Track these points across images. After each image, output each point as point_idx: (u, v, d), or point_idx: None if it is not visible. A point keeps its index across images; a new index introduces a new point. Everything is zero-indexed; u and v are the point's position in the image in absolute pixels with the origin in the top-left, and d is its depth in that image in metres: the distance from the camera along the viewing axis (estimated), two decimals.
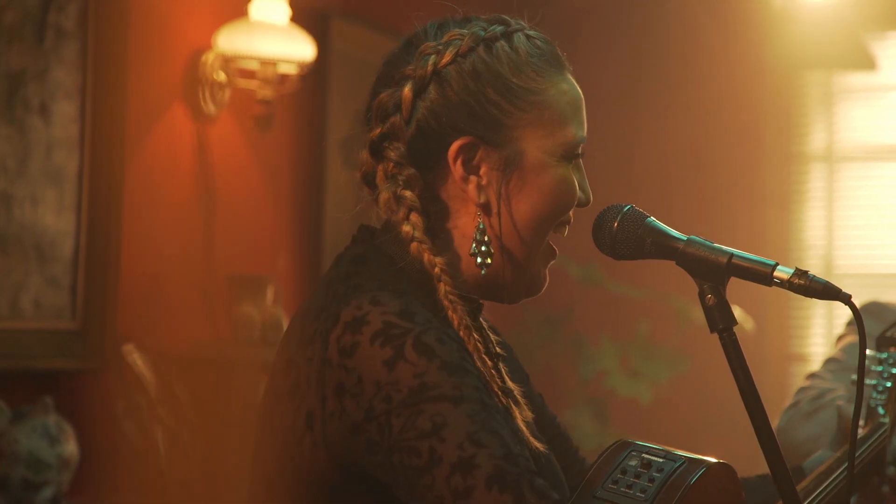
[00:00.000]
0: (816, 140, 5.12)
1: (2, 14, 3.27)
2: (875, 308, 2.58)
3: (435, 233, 1.48)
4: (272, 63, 3.83)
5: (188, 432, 3.44)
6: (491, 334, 1.62)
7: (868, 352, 1.93)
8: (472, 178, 1.48)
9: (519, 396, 1.56)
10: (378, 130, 1.48)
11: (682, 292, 4.52)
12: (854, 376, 1.91)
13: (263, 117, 3.87)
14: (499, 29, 1.51)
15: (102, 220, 3.47)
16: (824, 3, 4.86)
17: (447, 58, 1.47)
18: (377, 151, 1.49)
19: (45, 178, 3.37)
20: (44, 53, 3.37)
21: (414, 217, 1.45)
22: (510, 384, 1.56)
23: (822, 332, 5.01)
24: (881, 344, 1.97)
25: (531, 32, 1.53)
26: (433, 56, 1.48)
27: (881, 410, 1.89)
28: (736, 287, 1.50)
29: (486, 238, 1.47)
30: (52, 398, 3.15)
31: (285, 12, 3.87)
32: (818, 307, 5.00)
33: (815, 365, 2.64)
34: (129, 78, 3.56)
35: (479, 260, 1.47)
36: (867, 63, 4.94)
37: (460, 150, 1.47)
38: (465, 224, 1.49)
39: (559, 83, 1.51)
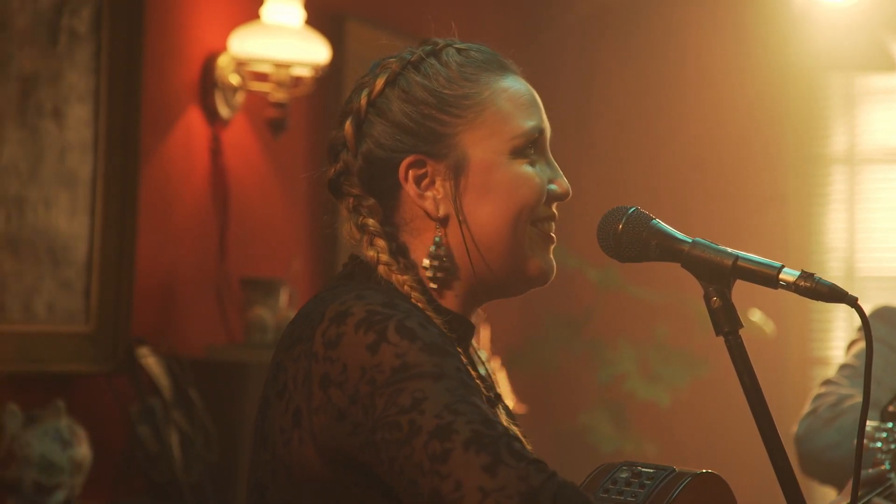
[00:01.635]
0: (837, 142, 5.09)
1: (14, 17, 3.28)
2: (888, 313, 2.56)
3: (403, 253, 1.52)
4: (286, 66, 3.82)
5: (202, 436, 3.44)
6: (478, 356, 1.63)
7: (871, 423, 1.93)
8: (428, 193, 1.51)
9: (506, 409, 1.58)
10: (333, 170, 1.54)
11: (701, 296, 4.49)
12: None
13: (277, 120, 3.87)
14: (426, 49, 1.55)
15: (116, 224, 3.47)
16: (844, 4, 4.83)
17: (378, 86, 1.52)
18: (337, 190, 1.54)
19: (58, 182, 3.37)
20: (57, 57, 3.38)
21: (378, 242, 1.49)
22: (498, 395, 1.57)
23: (843, 335, 4.97)
24: (885, 417, 1.97)
25: (462, 45, 1.56)
26: (366, 88, 1.53)
27: (887, 465, 1.91)
28: (757, 290, 1.49)
29: (440, 251, 1.50)
30: (65, 401, 3.15)
31: (300, 14, 3.86)
32: (839, 310, 4.97)
33: (836, 368, 2.62)
34: (144, 81, 3.57)
35: (429, 274, 1.50)
36: (888, 65, 4.91)
37: (408, 168, 1.51)
38: (431, 241, 1.52)
39: (496, 84, 1.53)
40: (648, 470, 1.47)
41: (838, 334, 5.01)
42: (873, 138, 5.06)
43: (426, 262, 1.50)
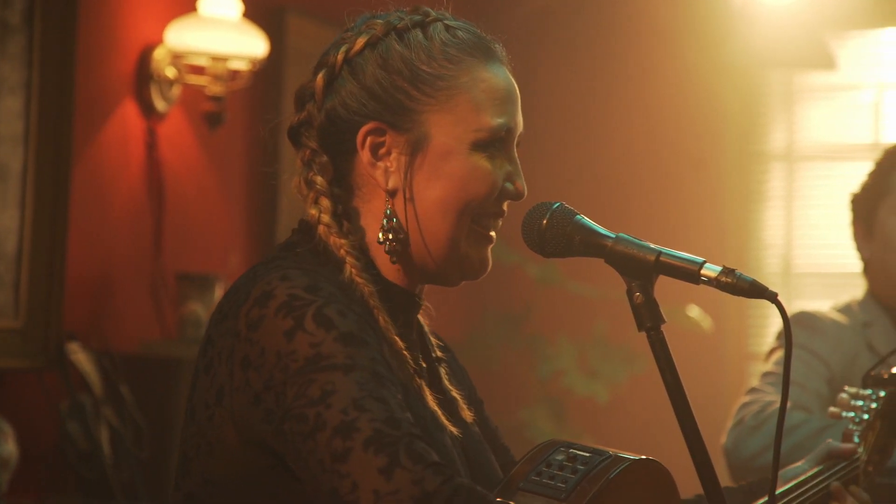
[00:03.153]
0: (776, 139, 5.13)
1: None
2: (806, 318, 2.59)
3: (349, 218, 1.50)
4: (223, 59, 3.79)
5: (133, 433, 3.41)
6: (432, 338, 1.62)
7: (850, 388, 1.94)
8: (381, 163, 1.49)
9: (444, 377, 1.58)
10: (296, 118, 1.52)
11: None
12: (832, 408, 1.92)
13: (214, 114, 3.84)
14: (416, 18, 1.52)
15: (47, 217, 3.43)
16: (784, 2, 4.86)
17: (358, 45, 1.50)
18: (296, 139, 1.52)
19: None
20: None
21: (323, 201, 1.48)
22: (438, 376, 1.57)
23: (778, 331, 5.01)
24: (866, 381, 1.97)
25: (453, 23, 1.54)
26: (346, 44, 1.51)
27: (856, 439, 1.89)
28: (694, 286, 1.48)
29: (393, 224, 1.49)
30: None
31: (237, 7, 3.83)
32: (775, 306, 5.00)
33: (760, 377, 2.65)
34: (77, 73, 3.53)
35: (386, 246, 1.48)
36: (826, 62, 4.94)
37: (367, 134, 1.49)
38: (378, 209, 1.50)
39: (477, 71, 1.51)
40: (584, 453, 1.46)
41: (774, 330, 5.04)
42: (811, 136, 5.09)
43: (381, 235, 1.48)
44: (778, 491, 1.74)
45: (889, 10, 4.96)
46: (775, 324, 5.05)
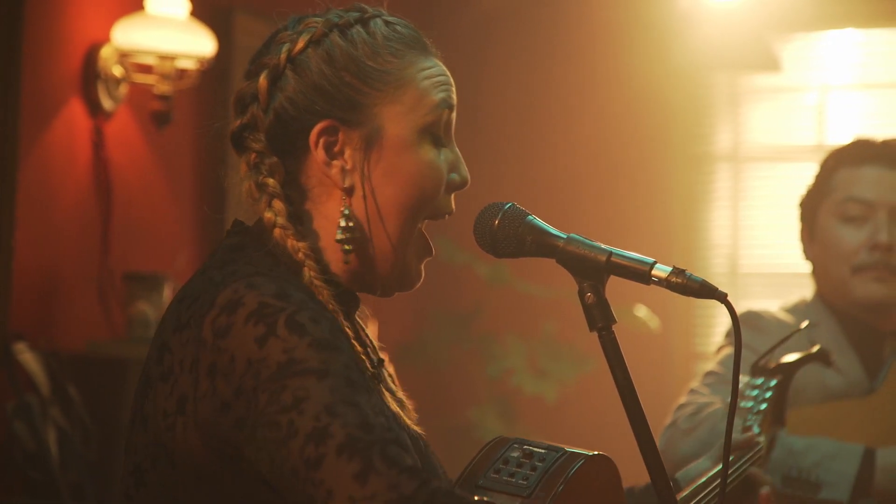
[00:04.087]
0: (722, 140, 5.17)
1: None
2: (752, 318, 2.62)
3: (301, 219, 1.49)
4: (170, 58, 3.78)
5: (81, 433, 3.38)
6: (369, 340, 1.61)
7: (743, 378, 1.97)
8: (336, 162, 1.48)
9: (393, 384, 1.57)
10: (238, 122, 1.49)
11: None
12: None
13: (162, 113, 3.83)
14: (355, 15, 1.52)
15: None
16: (729, 5, 4.90)
17: (301, 44, 1.48)
18: (239, 143, 1.50)
19: None
20: None
21: (276, 204, 1.46)
22: (386, 376, 1.56)
23: (725, 330, 5.05)
24: (755, 371, 2.02)
25: (390, 18, 1.54)
26: (287, 44, 1.49)
27: (756, 429, 1.94)
28: (642, 287, 1.50)
29: (350, 224, 1.47)
30: None
31: (184, 6, 3.82)
32: (722, 306, 5.04)
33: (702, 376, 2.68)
34: (24, 72, 3.50)
35: (344, 246, 1.47)
36: (771, 64, 4.99)
37: (321, 133, 1.47)
38: (332, 210, 1.49)
39: (419, 63, 1.52)
40: (539, 450, 1.46)
41: (720, 330, 5.09)
42: (756, 136, 5.14)
43: (339, 234, 1.47)
44: (688, 489, 1.78)
45: (832, 13, 5.02)
46: (722, 323, 5.09)
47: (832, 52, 5.05)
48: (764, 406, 1.97)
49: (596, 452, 1.49)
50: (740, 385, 1.98)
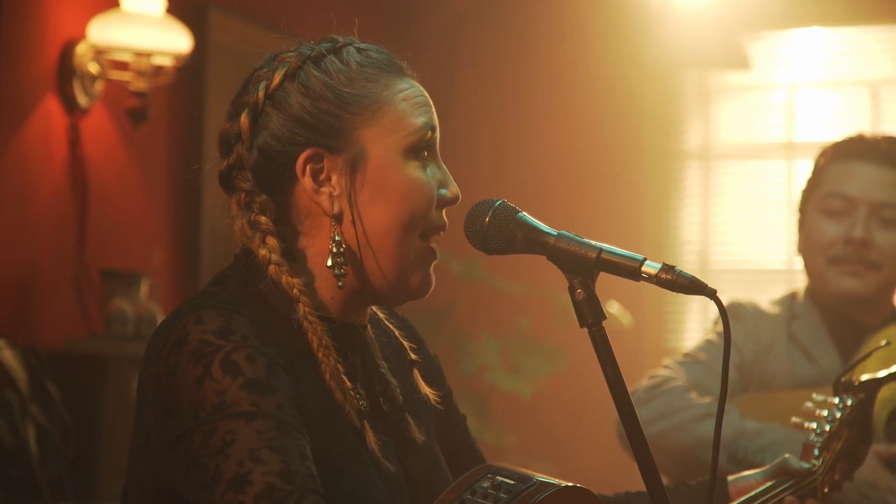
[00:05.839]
0: (692, 138, 5.20)
1: None
2: (734, 308, 2.65)
3: (293, 255, 1.50)
4: (146, 55, 3.77)
5: (60, 430, 3.38)
6: (405, 342, 1.63)
7: (817, 396, 1.95)
8: (323, 189, 1.49)
9: (413, 428, 1.56)
10: (225, 163, 1.51)
11: (563, 288, 4.54)
12: (795, 418, 1.93)
13: (138, 110, 3.82)
14: (326, 46, 1.54)
15: None
16: (699, 4, 4.93)
17: (277, 80, 1.50)
18: (227, 183, 1.51)
19: None
20: None
21: (270, 241, 1.47)
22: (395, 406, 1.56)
23: (696, 326, 5.10)
24: (837, 388, 1.96)
25: (362, 45, 1.56)
26: (264, 81, 1.51)
27: (816, 452, 1.88)
28: (615, 283, 1.51)
29: (342, 249, 1.49)
30: None
31: (160, 3, 3.81)
32: (693, 303, 5.09)
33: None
34: None
35: (335, 272, 1.48)
36: (741, 63, 5.03)
37: (306, 161, 1.49)
38: (322, 241, 1.50)
39: (395, 85, 1.53)
40: (509, 481, 1.44)
41: (692, 325, 5.13)
42: (727, 134, 5.18)
43: (330, 261, 1.48)
44: None
45: (801, 12, 5.06)
46: (693, 320, 5.14)
47: (800, 51, 5.09)
48: (829, 427, 1.89)
49: (569, 484, 1.46)
50: (811, 405, 1.94)
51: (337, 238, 1.49)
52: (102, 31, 3.73)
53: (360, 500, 1.42)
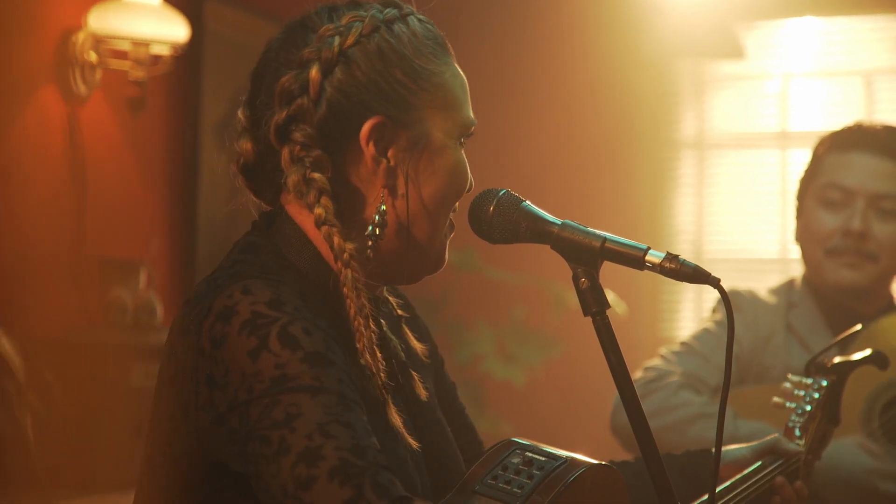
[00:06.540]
0: (687, 127, 5.20)
1: None
2: (731, 297, 2.65)
3: (342, 217, 1.47)
4: (145, 44, 3.77)
5: (58, 418, 3.38)
6: (392, 298, 1.63)
7: (792, 377, 1.97)
8: (383, 159, 1.48)
9: (418, 385, 1.57)
10: (284, 113, 1.46)
11: (557, 277, 4.57)
12: (776, 398, 1.95)
13: (136, 99, 3.82)
14: (394, 12, 1.52)
15: None
16: None
17: (351, 39, 1.47)
18: (283, 134, 1.47)
19: None
20: None
21: (325, 200, 1.44)
22: (412, 384, 1.57)
23: (691, 315, 5.11)
24: (809, 369, 1.99)
25: (421, 17, 1.55)
26: (337, 38, 1.47)
27: (798, 433, 1.91)
28: (609, 271, 1.52)
29: (385, 219, 1.47)
30: None
31: None
32: (687, 292, 5.11)
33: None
34: None
35: (370, 242, 1.47)
36: (735, 52, 5.03)
37: (373, 130, 1.47)
38: (367, 209, 1.49)
39: (452, 66, 1.54)
40: (540, 457, 1.44)
41: (686, 315, 5.14)
42: (721, 124, 5.18)
43: (370, 229, 1.47)
44: (722, 486, 1.77)
45: (795, 1, 5.07)
46: (687, 309, 5.15)
47: (794, 41, 5.09)
48: (809, 407, 1.93)
49: (599, 462, 1.47)
50: (789, 385, 1.96)
51: (384, 208, 1.47)
52: (101, 20, 3.73)
53: (397, 476, 1.39)
